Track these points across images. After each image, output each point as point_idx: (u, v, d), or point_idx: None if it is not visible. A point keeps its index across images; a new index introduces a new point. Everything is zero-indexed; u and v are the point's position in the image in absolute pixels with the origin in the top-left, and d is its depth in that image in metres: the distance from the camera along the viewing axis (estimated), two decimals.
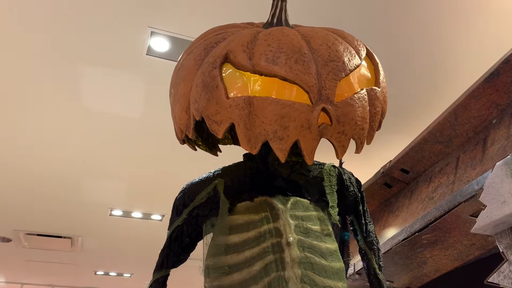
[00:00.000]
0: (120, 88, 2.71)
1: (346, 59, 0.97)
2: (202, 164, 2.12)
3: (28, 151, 3.46)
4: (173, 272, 1.25)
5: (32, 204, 4.38)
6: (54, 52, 2.44)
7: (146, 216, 4.68)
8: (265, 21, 1.21)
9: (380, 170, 2.53)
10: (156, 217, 4.70)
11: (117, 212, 4.58)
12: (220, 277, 1.07)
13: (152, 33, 2.26)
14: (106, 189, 4.09)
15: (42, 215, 4.61)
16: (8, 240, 5.29)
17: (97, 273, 6.78)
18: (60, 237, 5.17)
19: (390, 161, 2.43)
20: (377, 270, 1.23)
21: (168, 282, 1.22)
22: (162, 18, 2.21)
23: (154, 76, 2.62)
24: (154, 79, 2.65)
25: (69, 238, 5.20)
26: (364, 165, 3.10)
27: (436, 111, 2.28)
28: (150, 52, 2.40)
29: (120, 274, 6.89)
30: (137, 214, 4.64)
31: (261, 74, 0.95)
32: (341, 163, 2.53)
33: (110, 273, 6.83)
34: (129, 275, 6.92)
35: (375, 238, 1.29)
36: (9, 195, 4.20)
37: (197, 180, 1.22)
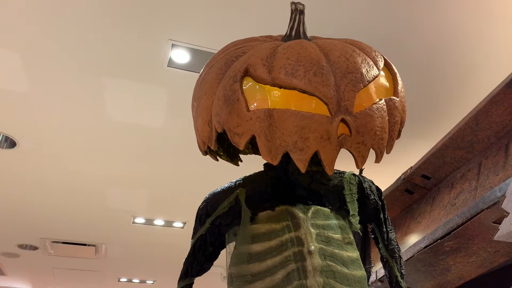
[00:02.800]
0: (142, 99, 2.77)
1: (364, 70, 0.99)
2: (223, 173, 2.15)
3: (54, 162, 3.55)
4: (196, 278, 1.28)
5: (58, 213, 4.48)
6: (78, 65, 2.51)
7: (168, 224, 4.72)
8: (284, 34, 1.23)
9: (401, 176, 2.52)
10: (177, 224, 4.74)
11: (140, 220, 4.64)
12: (243, 286, 1.09)
13: (173, 45, 2.31)
14: (129, 197, 4.15)
15: (67, 223, 4.71)
16: (35, 248, 5.41)
17: (121, 280, 6.86)
18: (85, 244, 5.25)
19: (411, 167, 2.42)
20: (399, 278, 1.23)
21: None
22: (182, 30, 2.25)
23: (175, 87, 2.67)
24: (175, 90, 2.69)
25: (93, 245, 5.29)
26: (385, 172, 3.09)
27: (457, 116, 2.26)
28: (171, 64, 2.45)
29: (143, 281, 6.94)
30: (159, 222, 4.69)
31: (280, 87, 0.97)
32: (361, 171, 2.53)
33: (133, 280, 6.90)
34: (152, 282, 6.97)
35: (396, 246, 1.29)
36: (35, 204, 4.30)
37: (219, 190, 1.25)
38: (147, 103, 2.80)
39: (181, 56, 2.38)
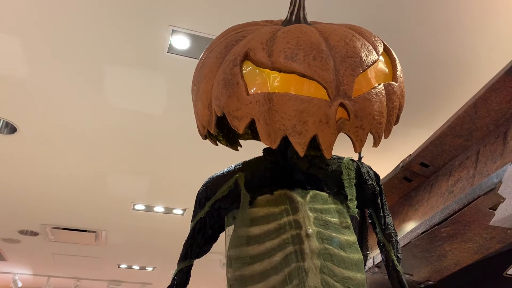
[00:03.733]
0: (142, 85, 2.77)
1: (363, 55, 0.99)
2: (222, 160, 2.16)
3: (54, 148, 3.56)
4: (195, 265, 1.29)
5: (58, 199, 4.51)
6: (78, 52, 2.52)
7: (168, 211, 4.75)
8: (284, 19, 1.24)
9: (399, 164, 2.53)
10: (177, 211, 4.77)
11: (140, 207, 4.67)
12: (242, 267, 1.10)
13: (173, 31, 2.31)
14: (129, 184, 4.18)
15: (67, 210, 4.74)
16: (36, 234, 5.45)
17: (121, 266, 6.92)
18: (85, 231, 5.29)
19: (410, 155, 2.44)
20: (396, 262, 1.25)
21: (191, 274, 1.26)
22: (183, 16, 2.25)
23: (175, 73, 2.67)
24: (176, 76, 2.70)
25: (94, 232, 5.33)
26: (384, 159, 3.10)
27: (455, 105, 2.27)
28: (171, 50, 2.44)
29: (142, 268, 7.01)
30: (159, 209, 4.73)
31: (280, 71, 0.98)
32: (360, 158, 2.55)
33: (133, 267, 6.96)
34: (152, 268, 7.03)
35: (393, 231, 1.31)
36: (36, 190, 4.32)
37: (218, 174, 1.26)
38: (147, 89, 2.80)
39: (181, 42, 2.38)
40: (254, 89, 1.00)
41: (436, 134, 2.18)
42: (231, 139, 1.35)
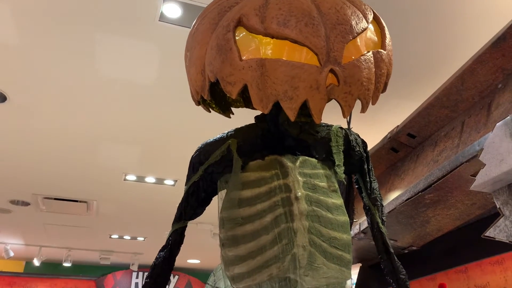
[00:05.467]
0: (133, 54, 2.76)
1: (353, 23, 1.02)
2: (214, 130, 2.17)
3: (45, 117, 3.55)
4: (187, 235, 1.33)
5: (50, 169, 4.51)
6: (69, 19, 2.48)
7: (159, 181, 4.79)
8: None
9: (387, 135, 2.59)
10: (169, 182, 4.81)
11: (131, 177, 4.70)
12: (234, 228, 1.15)
13: None
14: (120, 154, 4.19)
15: (59, 179, 4.75)
16: (27, 204, 5.46)
17: (112, 236, 6.99)
18: (76, 201, 5.32)
19: (397, 126, 2.48)
20: (380, 224, 1.31)
21: (182, 246, 1.30)
22: None
23: (166, 42, 2.66)
24: (167, 45, 2.68)
25: (85, 202, 5.36)
26: (372, 130, 3.15)
27: (443, 77, 2.31)
28: (162, 18, 2.42)
29: (134, 238, 7.10)
30: (150, 179, 4.76)
31: (272, 37, 1.00)
32: (349, 128, 2.59)
33: (124, 237, 7.05)
34: (143, 238, 7.13)
35: (378, 195, 1.36)
36: (27, 160, 4.32)
37: (211, 140, 1.29)
38: (138, 58, 2.79)
39: (172, 10, 2.36)
40: (247, 55, 1.03)
41: (423, 105, 2.22)
42: (224, 107, 1.38)
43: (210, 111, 1.33)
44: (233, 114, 1.42)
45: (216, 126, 1.71)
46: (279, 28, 0.98)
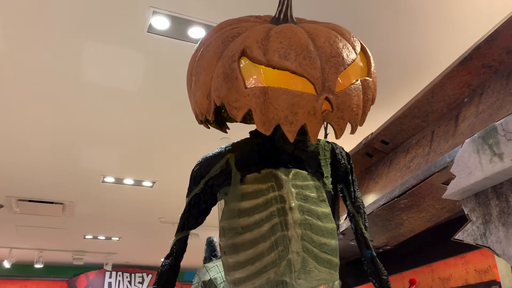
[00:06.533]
0: (119, 62, 2.81)
1: (345, 55, 1.15)
2: (192, 134, 2.26)
3: (23, 118, 3.53)
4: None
5: (26, 171, 4.46)
6: (58, 27, 2.51)
7: (138, 183, 4.82)
8: (268, 13, 1.37)
9: (362, 141, 2.75)
10: (147, 183, 4.85)
11: (110, 179, 4.71)
12: (234, 236, 1.26)
13: (154, 12, 2.36)
14: (99, 157, 4.20)
15: (36, 181, 4.70)
16: (0, 206, 5.36)
17: (86, 237, 6.94)
18: (52, 203, 5.27)
19: (372, 133, 2.65)
20: (364, 230, 1.45)
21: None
22: None
23: (153, 52, 2.73)
24: (153, 55, 2.75)
25: (61, 203, 5.31)
26: (347, 136, 3.30)
27: (415, 87, 2.49)
28: (150, 29, 2.50)
29: (108, 238, 7.07)
30: (129, 181, 4.79)
31: (274, 68, 1.12)
32: (326, 135, 2.74)
33: (99, 237, 7.00)
34: (117, 238, 7.10)
35: (361, 203, 1.50)
36: (2, 162, 4.27)
37: (211, 154, 1.40)
38: (123, 65, 2.84)
39: (161, 22, 2.44)
40: (251, 82, 1.14)
41: (397, 114, 2.40)
42: (220, 122, 1.49)
43: (209, 128, 1.44)
44: (228, 128, 1.52)
45: (194, 130, 1.79)
46: (281, 61, 1.10)
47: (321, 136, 1.51)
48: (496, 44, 1.79)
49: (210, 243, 2.78)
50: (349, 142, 2.94)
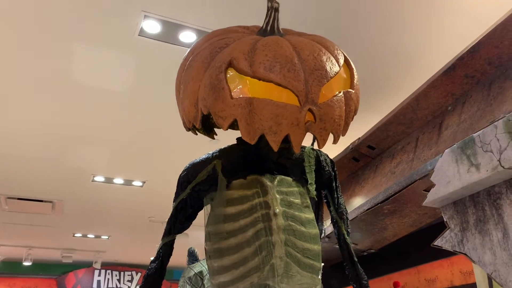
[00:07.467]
0: (110, 64, 2.83)
1: (328, 68, 1.19)
2: (180, 134, 2.27)
3: (14, 118, 3.53)
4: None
5: (15, 170, 4.46)
6: (51, 30, 2.53)
7: (128, 183, 4.83)
8: (256, 23, 1.41)
9: (349, 146, 2.80)
10: (137, 183, 4.86)
11: (100, 178, 4.72)
12: (219, 241, 1.30)
13: (145, 16, 2.39)
14: (89, 156, 4.21)
15: (25, 180, 4.70)
16: None
17: (75, 235, 6.93)
18: (41, 201, 5.26)
19: (359, 138, 2.70)
20: (346, 236, 1.49)
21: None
22: (155, 3, 2.33)
23: (143, 55, 2.75)
24: (144, 57, 2.78)
25: (50, 202, 5.30)
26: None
27: (401, 93, 2.54)
28: (142, 33, 2.52)
29: (98, 236, 7.06)
30: (118, 180, 4.80)
31: (259, 79, 1.16)
32: (313, 143, 2.78)
33: (88, 235, 7.00)
34: (107, 237, 7.10)
35: (344, 209, 1.54)
36: None
37: (198, 160, 1.43)
38: (114, 67, 2.87)
39: (152, 26, 2.46)
40: (237, 91, 1.18)
41: (383, 121, 2.45)
42: (208, 128, 1.52)
43: (197, 134, 1.47)
44: (216, 134, 1.56)
45: (184, 131, 1.82)
46: (266, 73, 1.13)
47: (309, 143, 1.55)
48: (478, 55, 1.84)
49: (191, 253, 2.84)
50: (335, 146, 3.00)
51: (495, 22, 1.80)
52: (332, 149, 2.03)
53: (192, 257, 2.81)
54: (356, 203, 2.47)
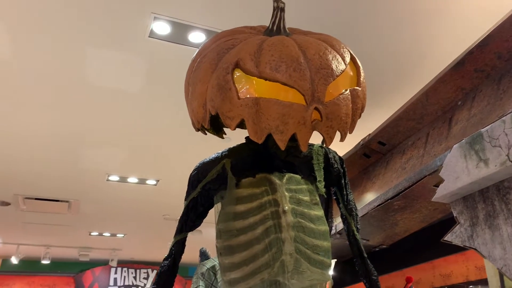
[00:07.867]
0: (122, 65, 2.88)
1: (334, 66, 1.20)
2: (195, 134, 2.28)
3: (30, 119, 3.60)
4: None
5: (33, 170, 4.55)
6: (63, 33, 2.58)
7: (142, 181, 4.89)
8: (263, 23, 1.42)
9: (360, 142, 2.80)
10: (151, 182, 4.92)
11: (114, 178, 4.78)
12: (230, 239, 1.32)
13: (155, 18, 2.42)
14: (104, 156, 4.28)
15: (42, 180, 4.79)
16: (7, 204, 5.46)
17: (92, 233, 7.03)
18: (58, 200, 5.36)
19: (369, 134, 2.70)
20: (355, 232, 1.51)
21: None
22: (165, 4, 2.36)
23: (155, 56, 2.79)
24: (155, 59, 2.82)
25: (67, 201, 5.40)
26: (346, 137, 3.34)
27: (410, 89, 2.53)
28: (152, 35, 2.56)
29: (113, 235, 7.16)
30: (133, 180, 4.86)
31: (265, 79, 1.18)
32: (323, 142, 2.79)
33: (104, 234, 7.09)
34: (122, 235, 7.19)
35: (354, 206, 1.56)
36: (10, 161, 4.35)
37: (207, 159, 1.45)
38: (127, 69, 2.91)
39: (162, 28, 2.49)
40: (244, 91, 1.20)
41: (393, 117, 2.44)
42: (217, 128, 1.54)
43: (206, 134, 1.49)
44: (225, 134, 1.58)
45: (193, 132, 1.84)
46: (272, 73, 1.15)
47: (318, 142, 1.56)
48: (488, 49, 1.83)
49: (203, 253, 2.89)
50: (346, 142, 3.00)
51: (505, 15, 1.78)
52: (343, 146, 2.04)
53: (204, 256, 2.86)
54: (367, 199, 2.47)
